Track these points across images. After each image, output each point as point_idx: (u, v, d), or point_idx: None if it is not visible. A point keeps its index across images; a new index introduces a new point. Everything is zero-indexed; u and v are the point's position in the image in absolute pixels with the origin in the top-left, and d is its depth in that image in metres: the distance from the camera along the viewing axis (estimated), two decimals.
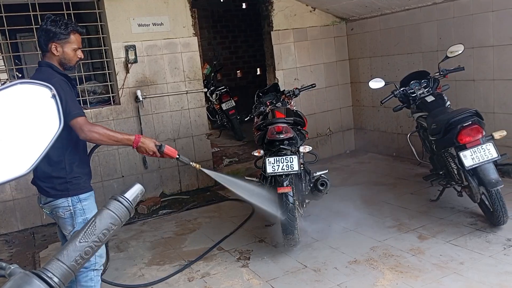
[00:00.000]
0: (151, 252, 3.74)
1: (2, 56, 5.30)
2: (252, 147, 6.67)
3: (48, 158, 2.29)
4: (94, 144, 2.40)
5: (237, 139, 7.33)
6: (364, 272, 3.03)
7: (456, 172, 3.53)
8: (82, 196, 2.38)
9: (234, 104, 7.24)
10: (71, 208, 2.35)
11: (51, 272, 0.60)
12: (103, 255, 2.48)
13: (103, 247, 2.42)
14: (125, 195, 0.71)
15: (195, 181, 5.44)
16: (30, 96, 0.61)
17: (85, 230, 0.67)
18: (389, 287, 2.82)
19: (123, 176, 4.99)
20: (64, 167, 2.32)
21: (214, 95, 7.37)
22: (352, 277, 2.99)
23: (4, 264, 0.62)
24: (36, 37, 2.42)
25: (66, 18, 2.46)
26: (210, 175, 3.05)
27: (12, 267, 0.60)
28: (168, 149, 2.49)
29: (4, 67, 6.15)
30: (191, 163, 2.65)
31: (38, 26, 2.41)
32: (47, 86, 0.64)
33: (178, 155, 2.55)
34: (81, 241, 0.65)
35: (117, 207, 0.69)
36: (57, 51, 2.35)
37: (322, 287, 2.91)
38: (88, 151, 2.51)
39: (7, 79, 6.72)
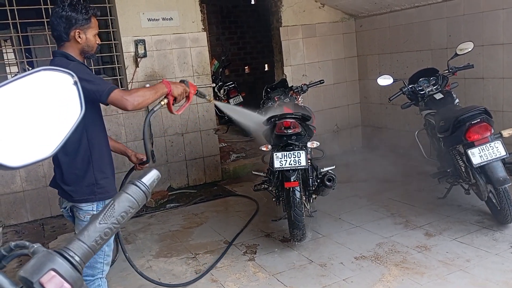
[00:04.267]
0: (159, 245, 3.78)
1: (13, 49, 5.35)
2: (260, 142, 6.69)
3: (73, 158, 2.16)
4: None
5: (244, 134, 7.35)
6: (370, 268, 3.05)
7: (463, 170, 3.52)
8: (107, 201, 2.30)
9: (241, 100, 7.27)
10: (94, 212, 2.22)
11: (72, 251, 0.63)
12: (110, 263, 2.40)
13: (111, 254, 2.36)
14: (143, 179, 0.74)
15: (202, 175, 5.47)
16: (53, 83, 0.64)
17: (104, 212, 0.69)
18: (395, 283, 2.83)
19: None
20: (91, 167, 2.17)
21: (222, 91, 7.41)
22: (358, 273, 3.01)
23: (27, 243, 0.65)
24: (51, 27, 2.19)
25: (82, 1, 2.23)
26: (220, 107, 3.04)
27: (35, 246, 0.63)
28: (190, 83, 2.40)
29: (15, 60, 6.22)
30: (206, 96, 2.70)
31: (53, 13, 2.17)
32: (69, 73, 0.66)
33: (197, 89, 2.50)
34: (101, 222, 0.68)
35: (134, 191, 0.72)
36: (80, 38, 2.16)
37: (328, 282, 2.93)
38: (143, 133, 2.33)
39: (18, 72, 6.79)
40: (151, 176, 0.75)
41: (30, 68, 5.81)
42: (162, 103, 2.27)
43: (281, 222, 3.86)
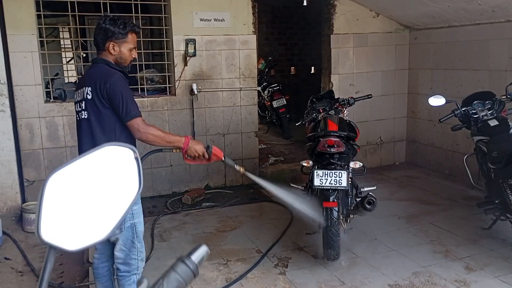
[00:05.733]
0: (192, 246, 3.81)
1: (71, 41, 5.55)
2: (299, 147, 6.64)
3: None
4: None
5: (284, 137, 7.32)
6: None
7: None
8: None
9: (285, 103, 7.22)
10: None
11: None
12: (144, 258, 2.54)
13: (143, 250, 2.49)
14: (192, 257, 0.73)
15: (239, 177, 5.49)
16: (115, 158, 0.64)
17: None
18: None
19: (171, 165, 5.13)
20: None
21: (266, 91, 7.39)
22: None
23: None
24: (94, 36, 2.43)
25: (124, 17, 2.47)
26: (253, 179, 3.01)
27: None
28: (215, 150, 2.51)
29: (71, 46, 6.46)
30: (235, 166, 2.68)
31: (96, 24, 2.41)
32: (130, 148, 0.66)
33: (224, 156, 2.58)
34: None
35: (184, 270, 0.71)
36: (114, 50, 2.37)
37: None
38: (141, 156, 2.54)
39: (72, 58, 7.05)
40: (201, 253, 0.74)
41: (84, 55, 5.99)
42: (174, 151, 2.51)
43: (315, 236, 3.81)
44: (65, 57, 7.62)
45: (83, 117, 2.37)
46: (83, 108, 2.36)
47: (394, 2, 5.20)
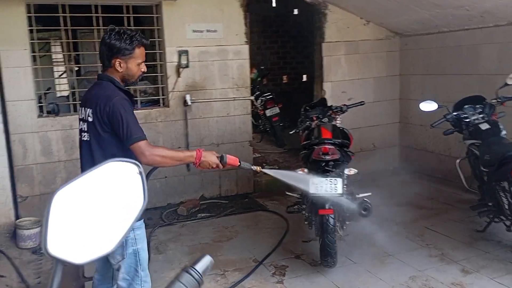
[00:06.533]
0: (189, 257, 3.82)
1: (63, 55, 5.56)
2: (293, 155, 6.67)
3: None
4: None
5: (278, 145, 7.34)
6: None
7: (507, 207, 3.38)
8: (136, 224, 2.25)
9: (278, 111, 7.26)
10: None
11: None
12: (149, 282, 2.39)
13: (148, 280, 2.34)
14: (196, 267, 0.74)
15: (234, 186, 5.50)
16: (119, 173, 0.65)
17: None
18: None
19: (165, 177, 5.13)
20: None
21: (259, 100, 7.42)
22: None
23: None
24: (99, 52, 2.32)
25: (130, 30, 2.30)
26: (271, 174, 2.94)
27: None
28: (229, 158, 2.38)
29: (63, 60, 6.46)
30: (252, 167, 2.58)
31: (101, 39, 2.29)
32: (134, 163, 0.68)
33: (240, 161, 2.44)
34: None
35: (188, 280, 0.72)
36: (120, 67, 2.23)
37: None
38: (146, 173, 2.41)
39: (64, 71, 7.04)
40: (204, 263, 0.75)
41: (77, 69, 5.99)
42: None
43: (311, 244, 3.82)
44: (58, 71, 7.61)
45: (84, 139, 2.28)
46: (85, 129, 2.26)
47: (384, 9, 5.27)
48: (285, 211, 3.96)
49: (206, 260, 0.76)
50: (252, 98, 5.66)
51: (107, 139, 2.20)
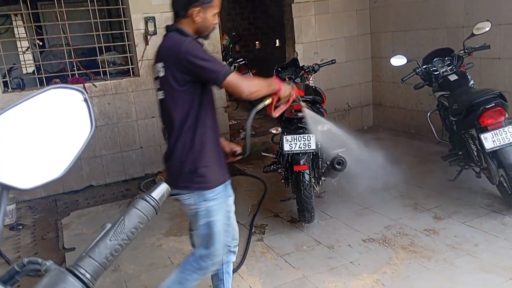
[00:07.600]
0: (169, 223, 3.85)
1: (24, 26, 5.34)
2: (269, 120, 6.68)
3: (177, 138, 2.05)
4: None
5: None
6: (378, 251, 3.08)
7: (475, 154, 3.49)
8: (208, 194, 2.05)
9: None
10: (192, 206, 2.08)
11: (83, 269, 0.64)
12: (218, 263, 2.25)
13: (219, 246, 2.19)
14: (152, 194, 0.74)
15: None
16: (62, 101, 0.64)
17: (114, 228, 0.70)
18: (402, 266, 2.86)
19: (141, 147, 5.08)
20: (192, 152, 2.02)
21: (232, 67, 7.34)
22: (366, 255, 3.04)
23: (40, 260, 0.66)
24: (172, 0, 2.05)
25: None
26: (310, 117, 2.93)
27: (47, 264, 0.64)
28: (295, 87, 2.25)
29: (25, 35, 6.21)
30: (301, 102, 2.59)
31: None
32: (78, 90, 0.66)
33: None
34: (111, 239, 0.69)
35: (144, 206, 0.72)
36: (198, 16, 1.97)
37: (335, 263, 2.97)
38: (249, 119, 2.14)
39: (28, 47, 6.79)
40: (161, 190, 0.75)
41: (41, 44, 5.78)
42: (266, 102, 2.15)
43: (289, 203, 3.89)
44: (21, 47, 7.33)
45: (160, 97, 2.08)
46: (159, 87, 2.07)
47: None
48: (262, 172, 3.98)
49: (163, 187, 0.76)
50: (224, 63, 5.58)
51: (183, 93, 1.99)
